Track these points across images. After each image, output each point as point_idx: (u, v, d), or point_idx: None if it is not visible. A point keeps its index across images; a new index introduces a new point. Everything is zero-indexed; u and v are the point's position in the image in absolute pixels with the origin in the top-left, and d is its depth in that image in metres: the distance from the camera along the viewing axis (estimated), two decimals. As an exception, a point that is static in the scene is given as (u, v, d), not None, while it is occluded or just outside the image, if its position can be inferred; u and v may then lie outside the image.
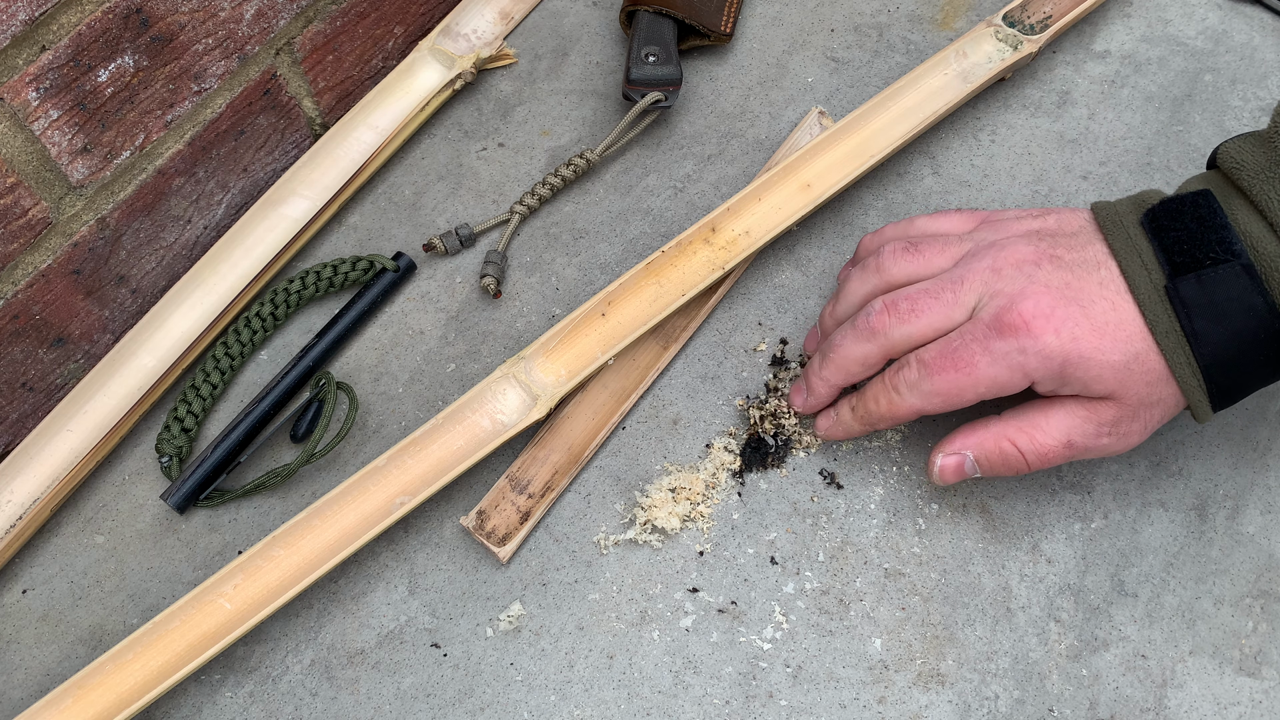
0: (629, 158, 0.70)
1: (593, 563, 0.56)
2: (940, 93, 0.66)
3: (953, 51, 0.68)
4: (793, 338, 0.62)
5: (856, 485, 0.58)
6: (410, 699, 0.53)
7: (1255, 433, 0.59)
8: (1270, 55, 0.72)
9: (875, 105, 0.65)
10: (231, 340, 0.62)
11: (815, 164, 0.63)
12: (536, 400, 0.57)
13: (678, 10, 0.70)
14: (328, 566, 0.53)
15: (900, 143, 0.64)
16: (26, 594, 0.56)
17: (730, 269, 0.61)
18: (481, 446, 0.55)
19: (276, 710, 0.53)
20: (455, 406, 0.56)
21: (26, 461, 0.57)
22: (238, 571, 0.53)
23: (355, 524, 0.54)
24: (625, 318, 0.59)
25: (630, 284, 0.60)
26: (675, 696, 0.53)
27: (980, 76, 0.67)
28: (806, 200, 0.62)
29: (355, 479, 0.55)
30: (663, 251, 0.60)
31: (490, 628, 0.55)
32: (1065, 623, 0.54)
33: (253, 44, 0.61)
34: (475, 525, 0.56)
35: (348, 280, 0.64)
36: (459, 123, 0.72)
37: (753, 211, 0.62)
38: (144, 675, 0.50)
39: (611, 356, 0.58)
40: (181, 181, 0.62)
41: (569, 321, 0.58)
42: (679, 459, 0.59)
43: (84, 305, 0.60)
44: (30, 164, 0.53)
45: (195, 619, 0.52)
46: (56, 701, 0.50)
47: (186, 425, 0.59)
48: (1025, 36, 0.68)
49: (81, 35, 0.52)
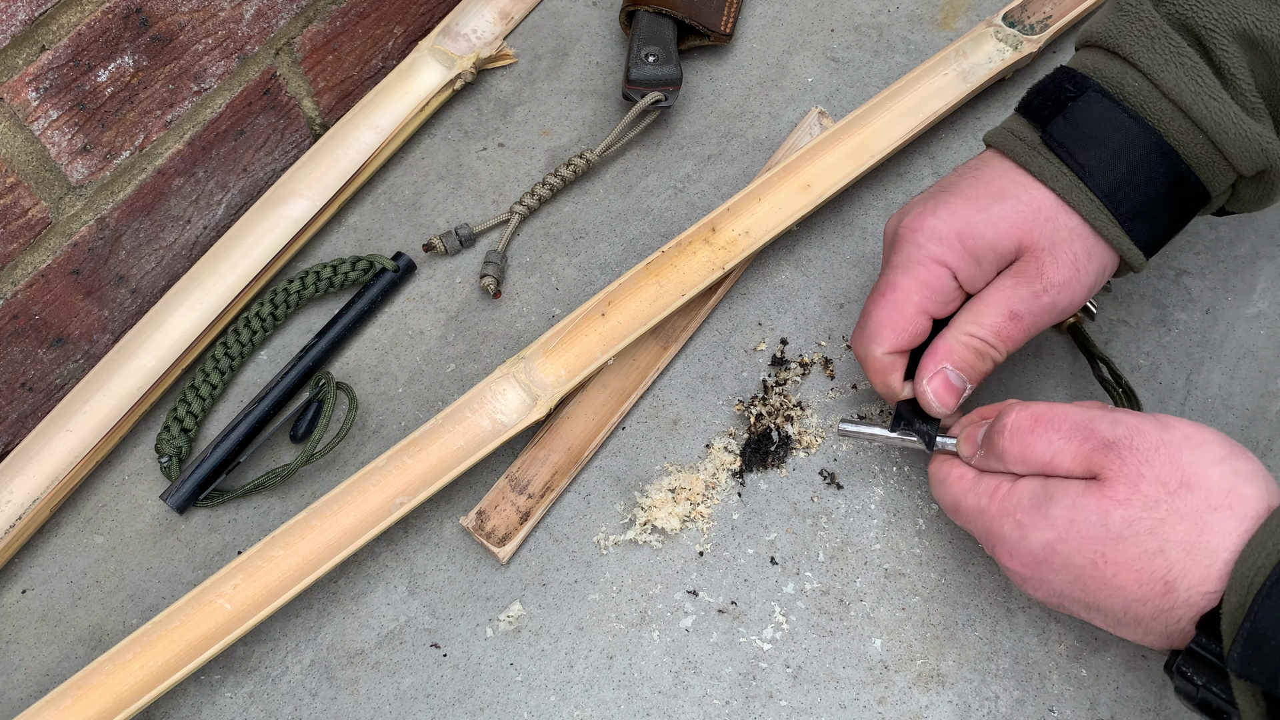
0: (629, 158, 0.70)
1: (593, 563, 0.56)
2: (940, 93, 0.66)
3: (953, 51, 0.68)
4: (793, 338, 0.62)
5: (856, 485, 0.58)
6: (410, 699, 0.53)
7: (1255, 433, 0.59)
8: (1270, 55, 0.72)
9: (875, 105, 0.65)
10: (231, 340, 0.62)
11: (815, 164, 0.63)
12: (536, 400, 0.57)
13: (677, 10, 0.70)
14: (327, 567, 0.53)
15: (900, 143, 0.64)
16: (26, 594, 0.56)
17: (730, 269, 0.61)
18: (481, 446, 0.55)
19: (276, 710, 0.53)
20: (455, 406, 0.56)
21: (26, 461, 0.57)
22: (237, 572, 0.52)
23: (355, 524, 0.54)
24: (625, 318, 0.59)
25: (630, 284, 0.60)
26: (675, 696, 0.53)
27: (980, 76, 0.67)
28: (806, 200, 0.62)
29: (355, 479, 0.54)
30: (663, 251, 0.60)
31: (490, 628, 0.55)
32: (1065, 623, 0.54)
33: (252, 44, 0.61)
34: (475, 525, 0.56)
35: (347, 280, 0.64)
36: (459, 123, 0.72)
37: (753, 212, 0.62)
38: (144, 675, 0.50)
39: (611, 356, 0.58)
40: (181, 181, 0.62)
41: (569, 322, 0.58)
42: (679, 459, 0.59)
43: (83, 305, 0.59)
44: (30, 164, 0.53)
45: (195, 619, 0.52)
46: (56, 701, 0.50)
47: (186, 425, 0.59)
48: (1025, 36, 0.68)
49: (81, 35, 0.52)
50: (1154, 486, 0.44)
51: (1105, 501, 0.44)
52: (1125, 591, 0.44)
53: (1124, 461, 0.44)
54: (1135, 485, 0.44)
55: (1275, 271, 0.64)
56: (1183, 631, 0.43)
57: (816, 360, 0.61)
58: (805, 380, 0.61)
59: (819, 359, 0.62)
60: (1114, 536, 0.44)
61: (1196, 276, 0.64)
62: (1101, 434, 0.45)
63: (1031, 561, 0.46)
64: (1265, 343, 0.61)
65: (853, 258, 0.65)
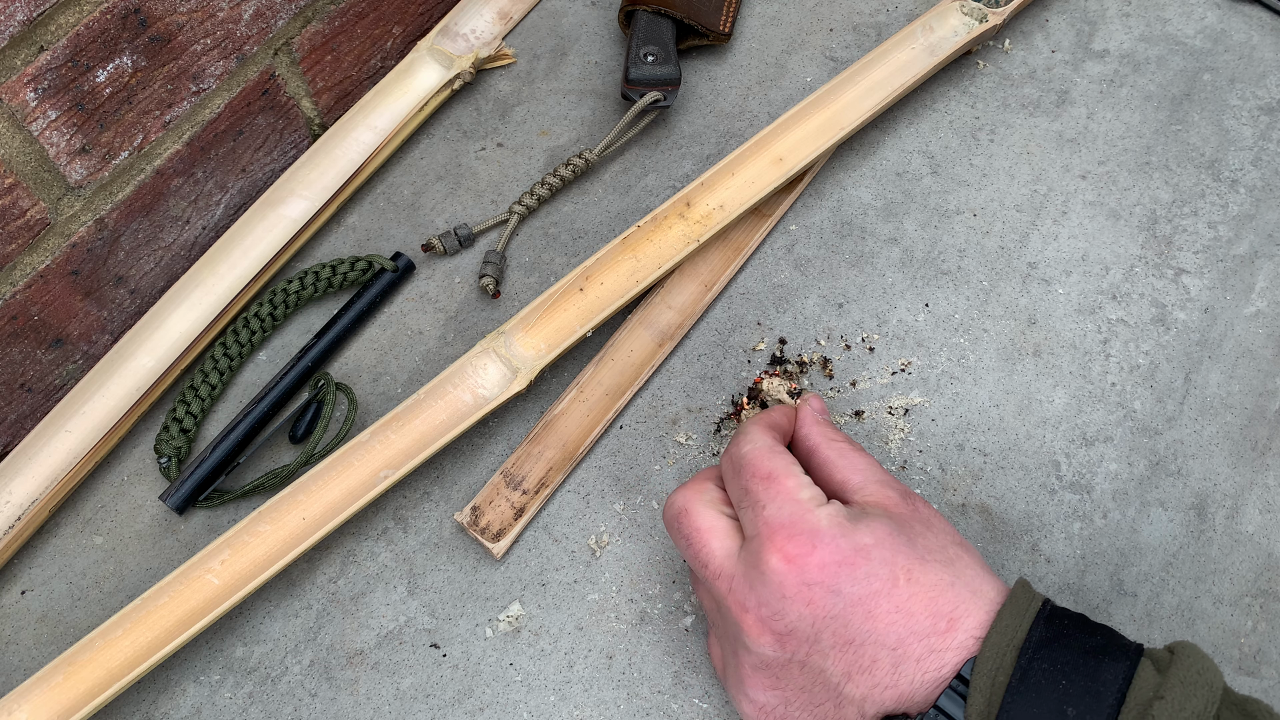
0: (628, 158, 0.70)
1: (592, 563, 0.56)
2: (908, 66, 0.67)
3: (919, 26, 0.69)
4: (792, 337, 0.62)
5: (856, 485, 0.58)
6: (410, 699, 0.53)
7: (1255, 432, 0.59)
8: (1269, 54, 0.72)
9: (844, 80, 0.66)
10: (230, 341, 0.62)
11: (787, 138, 0.65)
12: (517, 373, 0.57)
13: (676, 10, 0.70)
14: (313, 540, 0.53)
15: (870, 115, 0.66)
16: (25, 595, 0.56)
17: (705, 241, 0.62)
18: (463, 420, 0.56)
19: (276, 710, 0.53)
20: (436, 381, 0.57)
21: (25, 462, 0.57)
22: (224, 547, 0.53)
23: (340, 498, 0.54)
24: (603, 292, 0.60)
25: (607, 259, 0.61)
26: (675, 696, 0.53)
27: (946, 49, 0.68)
28: (779, 174, 0.63)
29: (339, 454, 0.55)
30: (638, 226, 0.61)
31: (489, 628, 0.55)
32: (1065, 622, 0.54)
33: (251, 44, 0.61)
34: (470, 521, 0.56)
35: (346, 281, 0.64)
36: (458, 123, 0.72)
37: (726, 186, 0.63)
38: (133, 651, 0.51)
39: (590, 329, 0.58)
40: (180, 182, 0.62)
41: (548, 296, 0.59)
42: (678, 459, 0.59)
43: (82, 306, 0.59)
44: (29, 164, 0.53)
45: (183, 595, 0.52)
46: (47, 678, 0.50)
47: (185, 426, 0.59)
48: (990, 9, 0.69)
49: (80, 35, 0.52)
50: (947, 532, 0.45)
51: (916, 524, 0.44)
52: (912, 620, 0.41)
53: (921, 505, 0.46)
54: (935, 519, 0.45)
55: (1274, 271, 0.64)
56: (941, 681, 0.40)
57: (815, 360, 0.61)
58: (804, 379, 0.61)
59: (818, 358, 0.62)
60: (919, 556, 0.42)
61: (1195, 276, 0.64)
62: (898, 483, 0.47)
63: (842, 557, 0.42)
64: (1264, 342, 0.61)
65: (852, 257, 0.65)
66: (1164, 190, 0.67)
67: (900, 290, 0.64)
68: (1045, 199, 0.67)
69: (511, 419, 0.60)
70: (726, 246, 0.65)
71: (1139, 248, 0.65)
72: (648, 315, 0.62)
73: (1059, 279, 0.64)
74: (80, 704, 0.49)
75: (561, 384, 0.61)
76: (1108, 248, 0.65)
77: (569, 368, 0.62)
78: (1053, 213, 0.66)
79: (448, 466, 0.59)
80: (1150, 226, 0.66)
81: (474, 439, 0.60)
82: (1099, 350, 0.61)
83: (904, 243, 0.65)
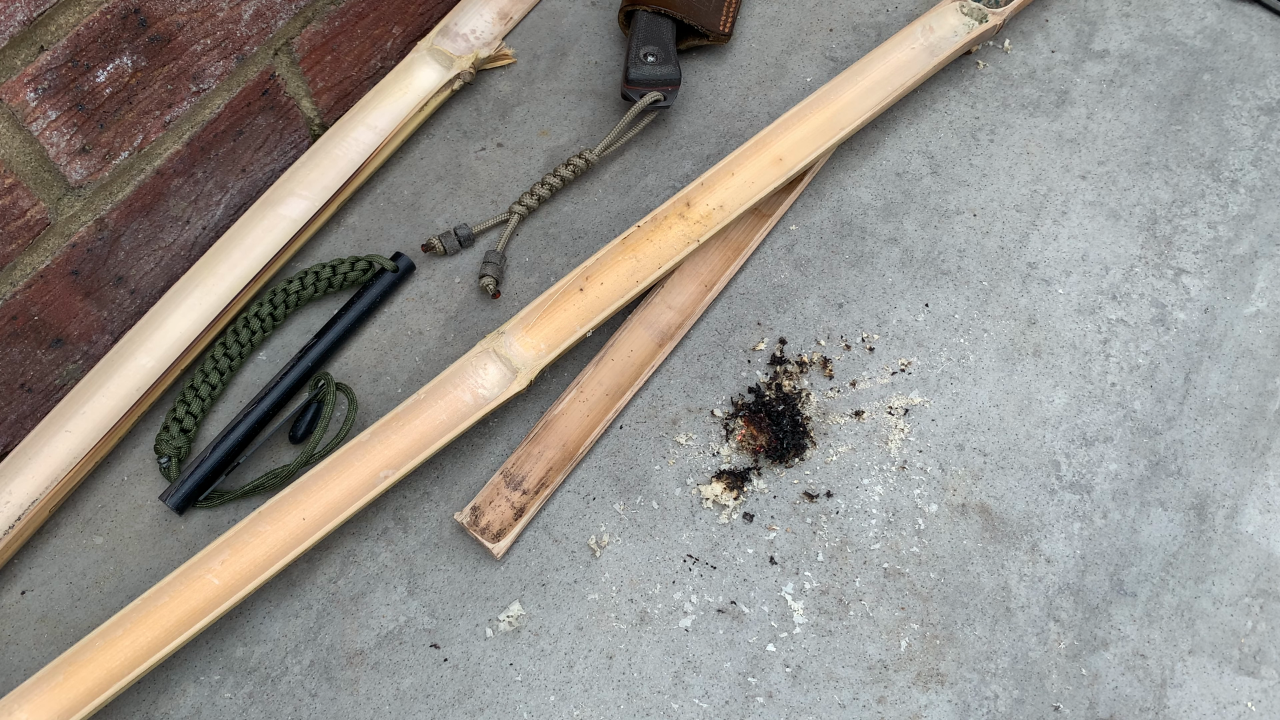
0: (628, 158, 0.70)
1: (592, 563, 0.56)
2: (908, 66, 0.67)
3: (919, 26, 0.69)
4: (792, 337, 0.62)
5: (856, 485, 0.58)
6: (410, 699, 0.53)
7: (1254, 432, 0.59)
8: (1268, 54, 0.72)
9: (844, 80, 0.66)
10: (230, 341, 0.62)
11: (786, 138, 0.65)
12: (517, 374, 0.57)
13: (676, 10, 0.70)
14: (314, 539, 0.53)
15: (870, 115, 0.65)
16: (25, 595, 0.56)
17: (705, 241, 0.61)
18: (463, 420, 0.56)
19: (276, 710, 0.53)
20: (437, 382, 0.57)
21: (25, 462, 0.57)
22: (224, 548, 0.53)
23: (340, 498, 0.54)
24: (603, 292, 0.60)
25: (607, 259, 0.61)
26: (675, 696, 0.53)
27: (946, 50, 0.68)
28: (779, 174, 0.63)
29: (339, 454, 0.55)
30: (639, 226, 0.61)
31: (490, 628, 0.55)
32: (1065, 622, 0.54)
33: (251, 44, 0.61)
34: (470, 521, 0.56)
35: (346, 281, 0.64)
36: (458, 123, 0.72)
37: (726, 186, 0.63)
38: (133, 651, 0.51)
39: (590, 329, 0.58)
40: (180, 182, 0.62)
41: (547, 297, 0.59)
42: (678, 459, 0.59)
43: (82, 306, 0.59)
44: (29, 164, 0.53)
45: (183, 595, 0.52)
46: (48, 678, 0.50)
47: (185, 426, 0.59)
48: (990, 10, 0.69)
49: (80, 36, 0.52)
50: None
51: None
52: None
53: None
54: None
55: (1274, 271, 0.64)
56: None
57: (815, 360, 0.61)
58: (804, 379, 0.61)
59: (818, 358, 0.62)
60: None
61: (1195, 276, 0.64)
62: None
63: None
64: (1264, 342, 0.61)
65: (851, 257, 0.65)
66: (1164, 190, 0.67)
67: (900, 290, 0.64)
68: (1045, 199, 0.67)
69: (511, 419, 0.60)
70: (726, 246, 0.65)
71: (1139, 248, 0.65)
72: (648, 315, 0.62)
73: (1059, 279, 0.64)
74: (80, 704, 0.49)
75: (561, 384, 0.61)
76: (1107, 248, 0.65)
77: (569, 368, 0.62)
78: (1052, 213, 0.66)
79: (448, 466, 0.59)
80: (1150, 226, 0.66)
81: (474, 439, 0.60)
82: (1099, 350, 0.61)
83: (904, 243, 0.65)
